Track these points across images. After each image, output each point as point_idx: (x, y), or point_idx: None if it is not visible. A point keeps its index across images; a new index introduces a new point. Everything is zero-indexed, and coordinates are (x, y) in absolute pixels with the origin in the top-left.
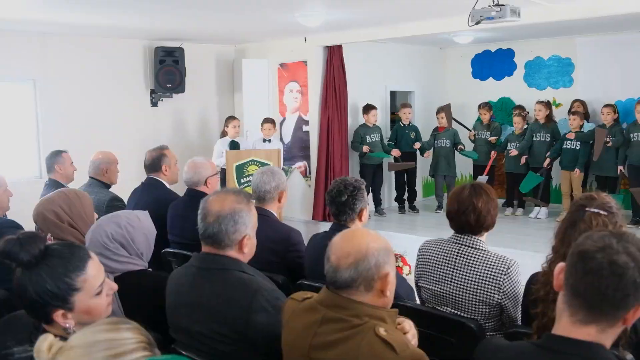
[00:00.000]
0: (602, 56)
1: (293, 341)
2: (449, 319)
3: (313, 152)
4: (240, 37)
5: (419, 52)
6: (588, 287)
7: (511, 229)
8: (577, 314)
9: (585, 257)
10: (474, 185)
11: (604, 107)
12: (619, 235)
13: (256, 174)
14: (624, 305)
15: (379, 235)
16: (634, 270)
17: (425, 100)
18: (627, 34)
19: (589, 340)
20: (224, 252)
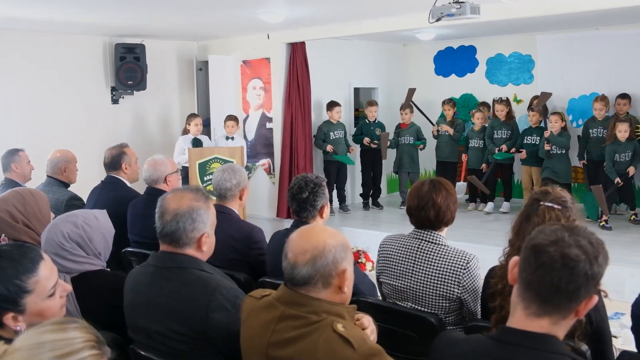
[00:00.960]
0: (562, 53)
1: (251, 339)
2: (409, 314)
3: (277, 149)
4: (202, 34)
5: (382, 49)
6: (541, 281)
7: (474, 224)
8: (531, 307)
9: (538, 250)
10: (433, 181)
11: (551, 114)
12: (571, 229)
13: (217, 172)
14: (576, 298)
15: (336, 232)
16: (585, 263)
17: (389, 97)
18: (586, 31)
19: (542, 333)
20: (182, 250)
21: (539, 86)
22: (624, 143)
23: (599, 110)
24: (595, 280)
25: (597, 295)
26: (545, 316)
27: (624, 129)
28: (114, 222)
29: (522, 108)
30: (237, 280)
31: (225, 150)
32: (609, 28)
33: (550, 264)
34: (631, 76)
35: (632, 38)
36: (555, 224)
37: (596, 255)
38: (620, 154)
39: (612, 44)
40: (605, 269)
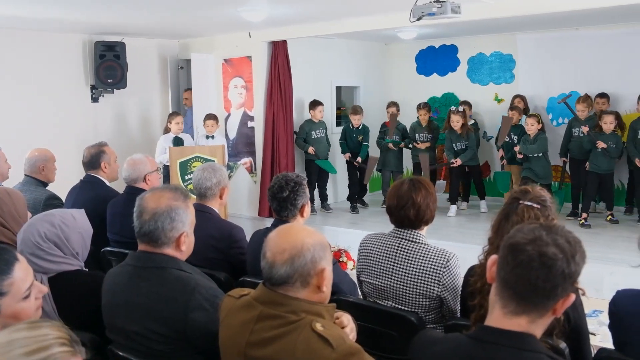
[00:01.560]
0: (542, 52)
1: (230, 339)
2: (390, 313)
3: (258, 148)
4: (183, 32)
5: (364, 48)
6: (518, 279)
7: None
8: (509, 306)
9: (516, 249)
10: (413, 180)
11: (527, 117)
12: (549, 228)
13: (197, 171)
14: (554, 296)
15: (315, 231)
16: (563, 262)
17: (371, 96)
18: (566, 30)
19: (519, 331)
20: (160, 250)
21: (520, 85)
22: (607, 135)
23: (582, 111)
24: (572, 278)
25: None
26: (523, 315)
27: (609, 121)
28: (92, 221)
29: (503, 107)
30: (218, 280)
31: (206, 149)
32: (589, 28)
33: (528, 262)
34: (610, 76)
35: (611, 38)
36: (534, 223)
37: (573, 253)
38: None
39: (592, 44)
40: (582, 268)
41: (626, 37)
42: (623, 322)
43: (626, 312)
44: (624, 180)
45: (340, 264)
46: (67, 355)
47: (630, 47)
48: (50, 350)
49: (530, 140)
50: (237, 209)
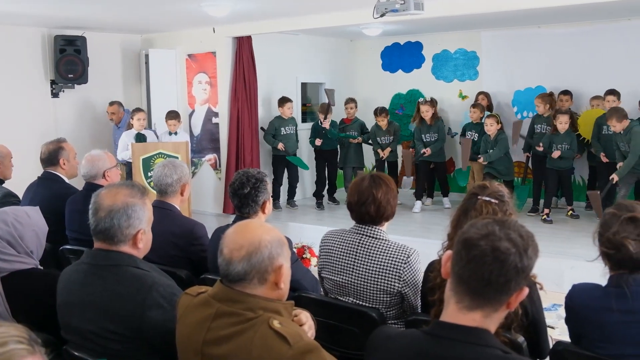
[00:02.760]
0: (506, 49)
1: (186, 337)
2: (351, 309)
3: (223, 144)
4: (146, 27)
5: (330, 44)
6: (472, 274)
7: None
8: (463, 301)
9: (469, 244)
10: (374, 176)
11: (487, 117)
12: (502, 223)
13: (157, 167)
14: (507, 290)
15: (272, 228)
16: (515, 256)
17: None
18: (528, 28)
19: (474, 326)
20: (117, 247)
21: (484, 82)
22: (562, 135)
23: (538, 106)
24: (525, 272)
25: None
26: (477, 309)
27: (564, 121)
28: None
29: (467, 104)
30: (179, 277)
31: (169, 145)
32: (550, 26)
33: (481, 257)
34: (572, 73)
35: (573, 36)
36: (487, 218)
37: (526, 248)
38: (558, 145)
39: (554, 42)
40: (535, 262)
41: (587, 35)
42: (579, 315)
43: (581, 306)
44: (585, 176)
45: (303, 260)
46: (25, 352)
47: (591, 45)
48: (6, 347)
49: (491, 142)
50: (201, 205)
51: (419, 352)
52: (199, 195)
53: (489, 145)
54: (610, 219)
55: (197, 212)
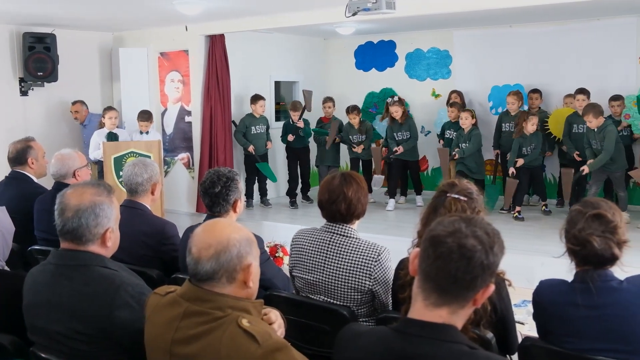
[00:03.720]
0: (478, 49)
1: (155, 336)
2: (322, 307)
3: (196, 143)
4: (118, 25)
5: (303, 43)
6: (439, 271)
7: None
8: (430, 298)
9: (436, 241)
10: (344, 175)
11: (462, 111)
12: (468, 220)
13: (127, 166)
14: (473, 287)
15: (241, 226)
16: (482, 253)
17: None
18: (500, 28)
19: (440, 323)
20: (85, 247)
21: (456, 81)
22: (529, 136)
23: (511, 104)
24: (491, 269)
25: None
26: (444, 306)
27: (535, 122)
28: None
29: (440, 102)
30: (149, 277)
31: (142, 144)
32: (522, 25)
33: (448, 254)
34: (542, 71)
35: (543, 35)
36: (454, 216)
37: (492, 245)
38: (527, 147)
39: (525, 41)
40: (501, 259)
41: (558, 34)
42: (546, 311)
43: (548, 302)
44: (555, 173)
45: (276, 259)
46: None
47: (562, 44)
48: None
49: (465, 135)
50: (174, 204)
51: (387, 349)
52: (172, 195)
53: (461, 139)
54: (576, 216)
55: (170, 211)
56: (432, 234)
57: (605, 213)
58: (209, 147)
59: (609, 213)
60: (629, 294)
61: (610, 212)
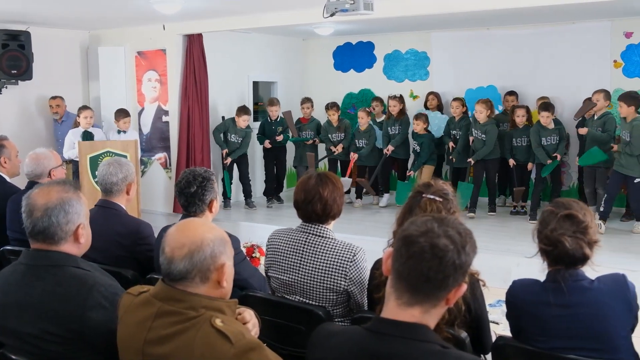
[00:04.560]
0: (455, 50)
1: (128, 337)
2: (297, 307)
3: (173, 143)
4: (94, 23)
5: (282, 43)
6: (411, 270)
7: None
8: (402, 297)
9: (409, 241)
10: (320, 175)
11: (453, 100)
12: (440, 220)
13: (102, 166)
14: (445, 287)
15: (215, 226)
16: (453, 253)
17: (288, 91)
18: (478, 30)
19: (413, 322)
20: (57, 247)
21: (434, 82)
22: (521, 129)
23: (480, 112)
24: (463, 269)
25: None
26: (416, 305)
27: (522, 114)
28: None
29: (418, 104)
30: (124, 278)
31: (118, 143)
32: (499, 28)
33: (420, 254)
34: (518, 74)
35: (519, 38)
36: (426, 215)
37: (464, 245)
38: (517, 139)
39: (503, 43)
40: (473, 258)
41: (534, 37)
42: (519, 310)
43: (521, 301)
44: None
45: (253, 260)
46: None
47: (537, 47)
48: None
49: (456, 123)
50: (151, 205)
51: (360, 349)
52: (149, 195)
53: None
54: (548, 217)
55: (147, 212)
56: (405, 234)
57: (576, 213)
58: (186, 147)
59: (580, 213)
60: (599, 293)
61: (582, 212)
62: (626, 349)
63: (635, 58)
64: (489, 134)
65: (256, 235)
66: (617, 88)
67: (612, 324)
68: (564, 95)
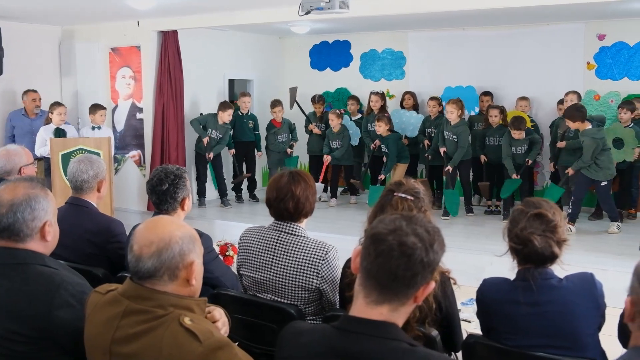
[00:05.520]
0: (431, 50)
1: (95, 336)
2: (269, 306)
3: (147, 140)
4: (67, 18)
5: (258, 41)
6: (380, 269)
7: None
8: (371, 295)
9: (377, 239)
10: (292, 173)
11: (429, 99)
12: (409, 218)
13: (72, 163)
14: (414, 284)
15: (184, 224)
16: (422, 251)
17: (264, 90)
18: (454, 30)
19: (381, 320)
20: (23, 244)
21: (410, 82)
22: (495, 128)
23: (450, 112)
24: (431, 267)
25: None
26: (384, 303)
27: (494, 114)
28: None
29: (394, 103)
30: (95, 276)
31: (91, 141)
32: (475, 28)
33: (389, 252)
34: (496, 74)
35: (496, 39)
36: (395, 214)
37: (432, 242)
38: (490, 138)
39: (479, 44)
40: (441, 256)
41: (509, 38)
42: (489, 309)
43: (491, 300)
44: None
45: (226, 258)
46: None
47: (512, 48)
48: None
49: (432, 121)
50: (125, 203)
51: (328, 347)
52: (123, 192)
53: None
54: (518, 215)
55: (121, 210)
56: (373, 232)
57: (546, 213)
58: (160, 145)
59: (550, 213)
60: (567, 291)
61: (551, 211)
62: (593, 347)
63: (608, 60)
64: (460, 135)
65: (230, 233)
66: (589, 89)
67: (579, 322)
68: (538, 95)
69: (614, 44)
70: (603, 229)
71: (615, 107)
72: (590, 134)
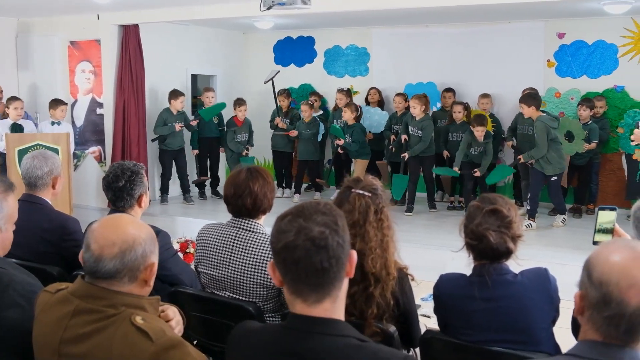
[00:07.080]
0: (395, 47)
1: (43, 336)
2: (227, 303)
3: (108, 136)
4: (23, 10)
5: (221, 36)
6: (307, 272)
7: None
8: (309, 298)
9: (289, 248)
10: (250, 169)
11: (395, 95)
12: (300, 212)
13: (26, 159)
14: (341, 265)
15: (143, 223)
16: (332, 234)
17: (228, 85)
18: (417, 27)
19: (327, 317)
20: None
21: (374, 78)
22: (458, 124)
23: (414, 107)
24: (346, 242)
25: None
26: (325, 299)
27: (458, 110)
28: None
29: (359, 99)
30: (50, 275)
31: (49, 136)
32: (438, 25)
33: (306, 253)
34: (458, 71)
35: (459, 36)
36: (286, 216)
37: (335, 221)
38: (453, 133)
39: (442, 41)
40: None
41: (471, 35)
42: (445, 304)
43: (447, 295)
44: None
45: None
46: None
47: (474, 45)
48: None
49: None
50: (85, 200)
51: (278, 347)
52: (82, 189)
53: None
54: (474, 211)
55: (80, 207)
56: (281, 245)
57: (501, 208)
58: (121, 141)
59: (505, 208)
60: (522, 286)
61: (506, 207)
62: (547, 341)
63: (567, 58)
64: (425, 129)
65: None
66: (550, 87)
67: (534, 317)
68: (500, 92)
69: (573, 42)
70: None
71: (575, 104)
72: (544, 120)
